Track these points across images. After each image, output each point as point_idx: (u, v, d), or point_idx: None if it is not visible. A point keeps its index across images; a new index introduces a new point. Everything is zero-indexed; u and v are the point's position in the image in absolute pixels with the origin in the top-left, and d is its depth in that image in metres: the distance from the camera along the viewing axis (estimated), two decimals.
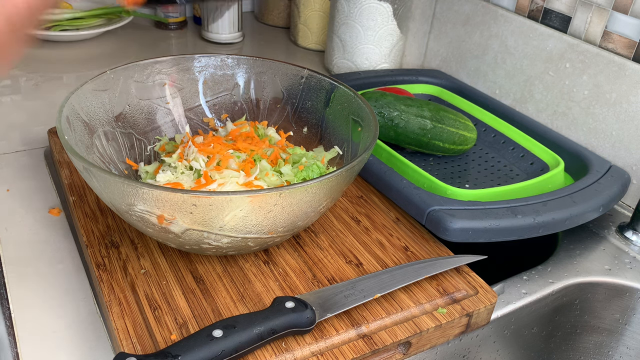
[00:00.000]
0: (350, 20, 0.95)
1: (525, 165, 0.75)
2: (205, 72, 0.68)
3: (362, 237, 0.60)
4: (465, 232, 0.57)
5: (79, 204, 0.60)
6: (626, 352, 0.66)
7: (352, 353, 0.47)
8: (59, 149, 0.68)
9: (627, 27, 0.72)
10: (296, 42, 1.17)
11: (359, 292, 0.51)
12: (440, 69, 1.01)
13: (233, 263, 0.55)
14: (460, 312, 0.52)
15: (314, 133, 0.67)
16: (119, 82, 0.61)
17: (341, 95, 0.63)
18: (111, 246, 0.55)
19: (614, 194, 0.67)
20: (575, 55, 0.78)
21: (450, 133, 0.74)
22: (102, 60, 1.02)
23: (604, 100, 0.75)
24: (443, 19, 0.99)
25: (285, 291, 0.52)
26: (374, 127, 0.55)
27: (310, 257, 0.57)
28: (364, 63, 0.97)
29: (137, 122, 0.64)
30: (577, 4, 0.77)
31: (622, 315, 0.64)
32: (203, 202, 0.44)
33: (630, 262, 0.65)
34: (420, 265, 0.55)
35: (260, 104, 0.69)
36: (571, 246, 0.66)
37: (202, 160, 0.58)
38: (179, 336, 0.47)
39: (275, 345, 0.46)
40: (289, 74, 0.67)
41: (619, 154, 0.74)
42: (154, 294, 0.50)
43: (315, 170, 0.59)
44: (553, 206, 0.61)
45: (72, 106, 0.54)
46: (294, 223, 0.50)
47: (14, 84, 0.90)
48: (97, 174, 0.46)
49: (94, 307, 0.52)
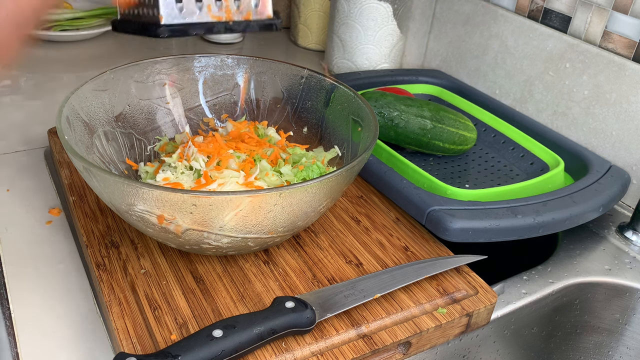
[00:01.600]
0: (350, 20, 0.95)
1: (525, 165, 0.75)
2: (205, 72, 0.68)
3: (362, 237, 0.60)
4: (465, 232, 0.57)
5: (79, 204, 0.60)
6: (626, 352, 0.66)
7: (352, 353, 0.47)
8: (59, 149, 0.68)
9: (627, 27, 0.72)
10: (296, 42, 1.17)
11: (359, 292, 0.51)
12: (440, 69, 1.01)
13: (233, 263, 0.55)
14: (460, 312, 0.52)
15: (314, 133, 0.67)
16: (119, 82, 0.61)
17: (341, 95, 0.63)
18: (111, 246, 0.55)
19: (614, 194, 0.67)
20: (575, 55, 0.78)
21: (450, 133, 0.74)
22: (102, 60, 1.02)
23: (604, 100, 0.75)
24: (443, 19, 0.99)
25: (285, 291, 0.52)
26: (374, 127, 0.55)
27: (310, 257, 0.57)
28: (364, 63, 0.97)
29: (137, 122, 0.64)
30: (577, 4, 0.77)
31: (622, 315, 0.64)
32: (203, 202, 0.44)
33: (630, 262, 0.65)
34: (420, 265, 0.55)
35: (260, 104, 0.69)
36: (571, 246, 0.66)
37: (202, 160, 0.57)
38: (179, 336, 0.47)
39: (275, 345, 0.46)
40: (289, 74, 0.67)
41: (619, 154, 0.74)
42: (154, 294, 0.50)
43: (315, 170, 0.59)
44: (553, 206, 0.61)
45: (72, 106, 0.54)
46: (294, 223, 0.50)
47: (14, 84, 0.90)
48: (97, 174, 0.46)
49: (94, 307, 0.52)
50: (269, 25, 0.50)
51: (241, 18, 0.48)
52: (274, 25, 0.51)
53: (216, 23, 0.47)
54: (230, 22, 0.48)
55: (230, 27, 0.48)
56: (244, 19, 0.48)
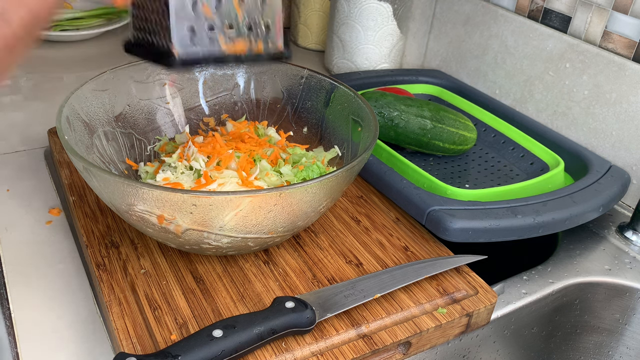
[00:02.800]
0: (350, 20, 0.95)
1: (525, 165, 0.75)
2: (205, 72, 0.68)
3: (362, 237, 0.60)
4: (465, 232, 0.57)
5: (79, 204, 0.60)
6: (626, 352, 0.66)
7: (352, 353, 0.47)
8: (59, 149, 0.68)
9: (627, 27, 0.72)
10: (296, 42, 1.17)
11: (359, 292, 0.51)
12: (440, 69, 1.01)
13: (233, 263, 0.55)
14: (460, 312, 0.52)
15: (314, 133, 0.67)
16: (119, 82, 0.61)
17: (341, 95, 0.63)
18: (111, 246, 0.55)
19: (614, 194, 0.67)
20: (575, 55, 0.78)
21: (450, 133, 0.74)
22: (102, 60, 1.02)
23: (604, 100, 0.75)
24: (443, 19, 0.99)
25: (285, 291, 0.52)
26: (374, 127, 0.55)
27: (310, 257, 0.57)
28: (364, 63, 0.97)
29: (137, 122, 0.64)
30: (577, 4, 0.77)
31: (622, 315, 0.64)
32: (203, 202, 0.44)
33: (630, 262, 0.65)
34: (420, 265, 0.55)
35: (260, 104, 0.69)
36: (571, 246, 0.66)
37: (202, 160, 0.57)
38: (179, 336, 0.47)
39: (275, 345, 0.46)
40: (289, 74, 0.67)
41: (619, 154, 0.74)
42: (154, 294, 0.50)
43: (315, 170, 0.59)
44: (553, 206, 0.61)
45: (72, 106, 0.54)
46: (294, 223, 0.50)
47: (14, 84, 0.90)
48: (97, 174, 0.46)
49: (94, 307, 0.52)
50: (279, 57, 0.50)
51: (253, 51, 0.48)
52: (283, 56, 0.51)
53: (227, 55, 0.47)
54: (242, 55, 0.47)
55: (241, 59, 0.48)
56: (255, 52, 0.48)
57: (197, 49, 0.44)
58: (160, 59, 0.44)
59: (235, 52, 0.47)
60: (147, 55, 0.46)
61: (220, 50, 0.46)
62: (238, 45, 0.47)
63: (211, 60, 0.46)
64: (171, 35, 0.43)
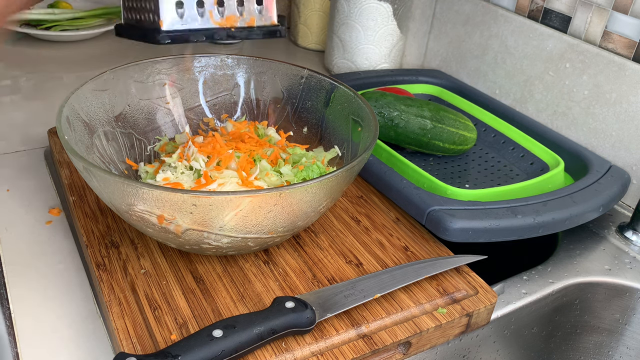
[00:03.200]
0: (350, 20, 0.95)
1: (525, 165, 0.75)
2: (205, 72, 0.68)
3: (362, 237, 0.60)
4: (465, 232, 0.57)
5: (79, 204, 0.60)
6: (626, 352, 0.66)
7: (352, 353, 0.47)
8: (59, 149, 0.68)
9: (627, 27, 0.72)
10: (296, 42, 1.17)
11: (359, 292, 0.51)
12: (440, 69, 1.01)
13: (233, 263, 0.55)
14: (460, 312, 0.52)
15: (314, 133, 0.67)
16: (119, 82, 0.61)
17: (341, 95, 0.63)
18: (111, 246, 0.55)
19: (614, 194, 0.67)
20: (575, 55, 0.78)
21: (450, 133, 0.74)
22: (102, 60, 1.02)
23: (604, 100, 0.75)
24: (443, 19, 0.99)
25: (285, 291, 0.52)
26: (374, 127, 0.55)
27: (310, 257, 0.57)
28: (364, 63, 0.97)
29: (137, 122, 0.64)
30: (577, 4, 0.77)
31: (622, 315, 0.64)
32: (203, 202, 0.44)
33: (630, 262, 0.65)
34: (420, 265, 0.55)
35: (260, 104, 0.69)
36: (571, 246, 0.66)
37: (202, 160, 0.57)
38: (179, 336, 0.47)
39: (275, 345, 0.46)
40: (289, 74, 0.67)
41: (619, 154, 0.74)
42: (154, 294, 0.50)
43: (315, 170, 0.59)
44: (553, 206, 0.61)
45: (72, 106, 0.54)
46: (294, 223, 0.50)
47: (14, 84, 0.90)
48: (97, 174, 0.46)
49: (94, 307, 0.52)
50: (273, 32, 0.50)
51: (244, 24, 0.48)
52: (278, 32, 0.50)
53: (218, 29, 0.46)
54: (232, 28, 0.47)
55: (232, 34, 0.47)
56: (247, 25, 0.48)
57: (186, 25, 0.44)
58: (149, 36, 0.44)
59: (226, 26, 0.46)
60: (136, 34, 0.46)
61: (211, 25, 0.46)
62: (229, 20, 0.46)
63: (200, 36, 0.45)
64: (159, 11, 0.43)
